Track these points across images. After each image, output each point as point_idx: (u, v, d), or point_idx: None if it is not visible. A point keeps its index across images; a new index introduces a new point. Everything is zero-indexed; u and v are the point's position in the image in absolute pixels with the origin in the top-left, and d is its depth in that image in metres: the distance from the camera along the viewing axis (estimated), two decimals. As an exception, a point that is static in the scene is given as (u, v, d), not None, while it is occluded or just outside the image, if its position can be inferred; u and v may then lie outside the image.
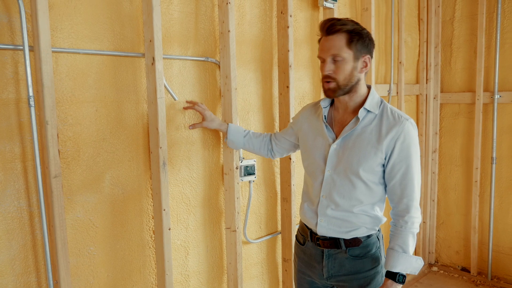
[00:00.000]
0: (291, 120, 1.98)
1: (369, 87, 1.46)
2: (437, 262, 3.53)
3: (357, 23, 1.39)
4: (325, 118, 1.49)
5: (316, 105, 1.59)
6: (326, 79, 1.39)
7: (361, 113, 1.40)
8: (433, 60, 3.31)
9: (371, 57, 1.42)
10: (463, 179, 3.32)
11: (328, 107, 1.52)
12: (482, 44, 3.05)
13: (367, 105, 1.41)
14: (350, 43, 1.35)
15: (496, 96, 3.03)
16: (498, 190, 3.13)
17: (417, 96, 3.34)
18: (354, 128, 1.41)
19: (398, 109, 1.44)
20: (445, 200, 3.44)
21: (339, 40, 1.35)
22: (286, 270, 2.25)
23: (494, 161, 3.09)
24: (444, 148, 3.41)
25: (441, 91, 3.37)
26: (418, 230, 1.41)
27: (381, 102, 1.44)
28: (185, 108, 1.76)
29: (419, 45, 3.30)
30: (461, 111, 3.28)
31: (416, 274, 1.41)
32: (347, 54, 1.35)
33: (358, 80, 1.41)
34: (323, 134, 1.48)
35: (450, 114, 3.35)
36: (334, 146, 1.43)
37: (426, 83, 3.32)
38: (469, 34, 3.19)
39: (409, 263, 1.37)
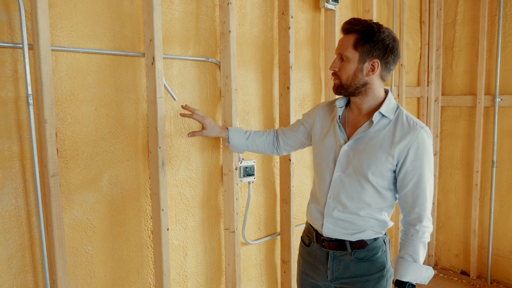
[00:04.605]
0: (301, 117, 1.93)
1: (386, 92, 1.43)
2: (437, 265, 3.52)
3: (374, 26, 1.34)
4: (339, 118, 1.47)
5: (331, 104, 1.56)
6: (333, 75, 1.43)
7: (376, 116, 1.38)
8: (435, 62, 3.31)
9: (385, 63, 1.36)
10: (464, 182, 3.31)
11: (344, 108, 1.49)
12: (484, 47, 3.04)
13: (382, 109, 1.38)
14: (356, 44, 1.34)
15: (497, 100, 3.02)
16: (498, 193, 3.12)
17: (418, 98, 3.33)
18: (367, 131, 1.39)
19: (414, 116, 1.41)
20: (445, 203, 3.43)
21: (349, 40, 1.36)
22: (284, 272, 2.25)
23: (495, 164, 3.08)
24: (445, 151, 3.40)
25: (442, 94, 3.36)
26: (428, 240, 1.38)
27: (397, 107, 1.42)
28: (182, 115, 1.63)
29: (421, 48, 3.29)
30: (462, 114, 3.28)
31: (426, 284, 1.39)
32: (351, 54, 1.35)
33: (366, 83, 1.37)
34: (336, 134, 1.46)
35: (451, 117, 3.34)
36: (345, 147, 1.42)
37: (427, 85, 3.32)
38: (471, 37, 3.19)
39: (419, 273, 1.35)
